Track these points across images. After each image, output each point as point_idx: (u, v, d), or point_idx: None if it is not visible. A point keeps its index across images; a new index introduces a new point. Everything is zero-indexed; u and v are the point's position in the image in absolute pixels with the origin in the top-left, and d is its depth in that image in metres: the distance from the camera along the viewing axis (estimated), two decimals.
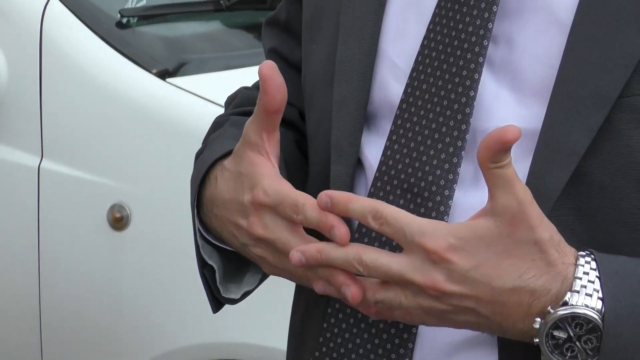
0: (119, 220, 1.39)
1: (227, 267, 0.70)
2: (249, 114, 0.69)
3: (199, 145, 0.76)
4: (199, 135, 0.83)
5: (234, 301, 0.72)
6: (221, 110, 0.86)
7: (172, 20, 1.66)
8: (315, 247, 0.54)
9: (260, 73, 0.59)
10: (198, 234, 0.67)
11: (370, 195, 0.65)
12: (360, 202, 0.55)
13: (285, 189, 0.59)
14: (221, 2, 1.68)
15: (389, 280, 0.53)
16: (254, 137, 0.60)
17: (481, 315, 0.53)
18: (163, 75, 1.44)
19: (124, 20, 1.53)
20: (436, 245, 0.51)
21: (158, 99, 1.43)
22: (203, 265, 0.66)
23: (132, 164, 1.43)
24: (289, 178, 0.64)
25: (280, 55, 0.79)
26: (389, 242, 0.57)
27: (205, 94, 1.42)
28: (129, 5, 1.56)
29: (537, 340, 0.52)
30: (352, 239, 0.56)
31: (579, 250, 0.53)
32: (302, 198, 0.58)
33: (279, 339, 0.82)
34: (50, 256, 1.53)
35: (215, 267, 0.67)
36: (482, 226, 0.51)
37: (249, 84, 0.84)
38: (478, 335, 0.58)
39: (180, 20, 1.68)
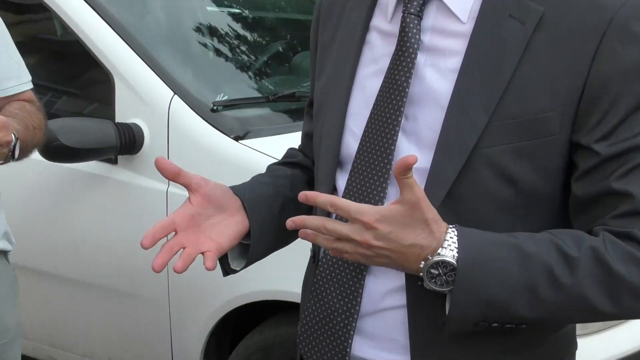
0: None
1: (233, 252, 1.05)
2: (288, 164, 1.20)
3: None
4: (255, 171, 1.40)
5: (235, 271, 1.08)
6: (270, 159, 1.42)
7: (242, 107, 2.22)
8: (301, 219, 0.86)
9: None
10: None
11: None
12: (322, 197, 0.86)
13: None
14: (270, 97, 2.31)
15: (341, 238, 0.84)
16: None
17: (392, 259, 0.83)
18: (237, 138, 2.01)
19: (215, 107, 2.10)
20: (368, 218, 0.81)
21: (234, 151, 1.99)
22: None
23: (226, 180, 1.95)
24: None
25: (309, 135, 1.19)
26: (343, 220, 0.86)
27: (261, 149, 1.97)
28: (218, 99, 2.15)
29: (422, 274, 0.83)
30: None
31: (450, 224, 0.85)
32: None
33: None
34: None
35: (228, 253, 1.04)
36: (395, 209, 0.82)
37: (291, 145, 1.29)
38: (396, 285, 0.91)
39: (246, 107, 2.25)
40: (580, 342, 1.08)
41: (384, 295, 0.92)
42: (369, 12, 1.03)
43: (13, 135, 1.40)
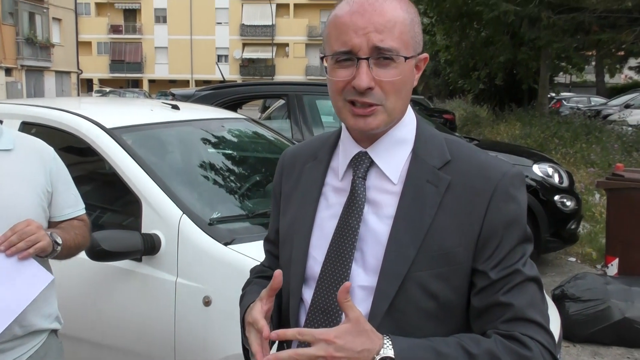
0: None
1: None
2: (264, 277, 1.33)
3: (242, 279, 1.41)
4: (238, 267, 2.01)
5: None
6: (252, 262, 1.63)
7: (230, 222, 2.58)
8: (274, 356, 0.99)
9: (274, 275, 1.08)
10: (242, 336, 1.18)
11: (308, 315, 1.14)
12: (290, 332, 1.00)
13: (258, 317, 1.09)
14: (250, 214, 2.72)
15: (310, 359, 0.96)
16: (260, 303, 1.11)
17: None
18: (226, 244, 2.35)
19: (211, 222, 2.47)
20: (328, 336, 0.97)
21: (224, 253, 2.32)
22: (244, 346, 1.22)
23: (218, 273, 2.27)
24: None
25: (272, 253, 1.37)
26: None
27: (244, 252, 2.29)
28: (213, 216, 2.52)
29: None
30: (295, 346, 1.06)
31: (388, 332, 1.01)
32: (262, 324, 1.06)
33: None
34: (184, 326, 2.29)
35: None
36: (345, 327, 0.98)
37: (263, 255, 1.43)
38: None
39: (233, 221, 2.61)
40: None
41: None
42: (324, 173, 1.22)
43: (54, 238, 1.68)
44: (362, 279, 1.11)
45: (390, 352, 0.98)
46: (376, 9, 1.07)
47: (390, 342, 1.00)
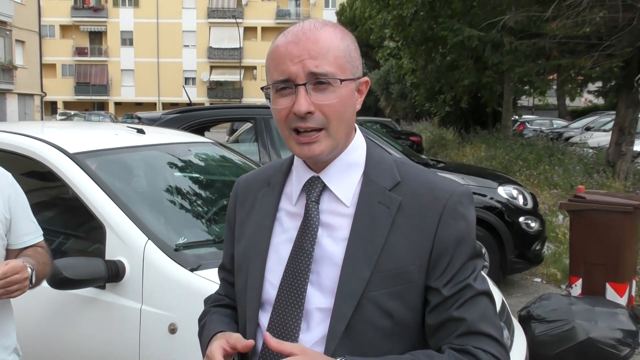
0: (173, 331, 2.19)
1: None
2: (221, 306, 1.33)
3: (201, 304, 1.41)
4: (204, 293, 1.99)
5: None
6: (211, 289, 1.50)
7: (196, 247, 2.54)
8: None
9: (247, 345, 1.12)
10: None
11: (265, 340, 1.10)
12: (286, 346, 1.04)
13: (215, 351, 1.13)
14: (216, 239, 2.64)
15: None
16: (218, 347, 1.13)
17: None
18: (192, 270, 2.32)
19: (177, 247, 2.43)
20: (293, 350, 1.03)
21: (190, 279, 2.29)
22: None
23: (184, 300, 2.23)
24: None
25: (227, 281, 1.37)
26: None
27: (209, 278, 2.22)
28: (179, 242, 2.48)
29: None
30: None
31: (342, 355, 1.05)
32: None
33: None
34: (148, 354, 2.22)
35: None
36: (301, 349, 1.03)
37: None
38: None
39: (199, 247, 2.56)
40: None
41: None
42: (278, 198, 1.25)
43: (30, 269, 1.68)
44: (319, 300, 1.13)
45: None
46: (310, 37, 1.11)
47: None
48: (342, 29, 1.17)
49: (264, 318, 1.18)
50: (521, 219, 6.03)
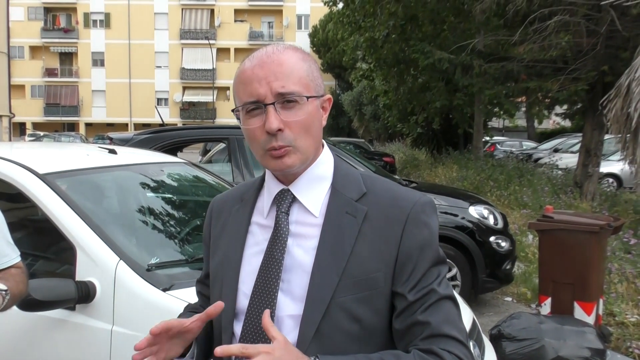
0: None
1: None
2: (192, 310, 1.40)
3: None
4: (177, 312, 2.00)
5: None
6: (186, 303, 1.63)
7: (169, 267, 2.53)
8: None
9: (216, 304, 1.13)
10: None
11: (242, 342, 1.19)
12: (234, 348, 1.04)
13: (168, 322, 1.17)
14: (189, 259, 2.64)
15: None
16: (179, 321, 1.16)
17: None
18: (165, 290, 2.30)
19: (149, 268, 2.41)
20: (267, 349, 1.03)
21: (163, 299, 2.27)
22: None
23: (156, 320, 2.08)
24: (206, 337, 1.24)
25: (203, 294, 1.43)
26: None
27: (182, 298, 2.21)
28: (152, 262, 2.47)
29: None
30: None
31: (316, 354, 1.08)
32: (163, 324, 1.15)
33: None
34: None
35: None
36: (277, 345, 1.04)
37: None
38: None
39: (172, 267, 2.55)
40: None
41: None
42: (250, 213, 1.30)
43: (4, 291, 1.64)
44: (290, 308, 1.18)
45: None
46: (274, 60, 1.19)
47: (317, 359, 1.08)
48: (302, 51, 1.24)
49: (238, 327, 1.22)
50: (492, 238, 6.11)
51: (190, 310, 1.45)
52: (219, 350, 1.05)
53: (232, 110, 1.26)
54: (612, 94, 8.40)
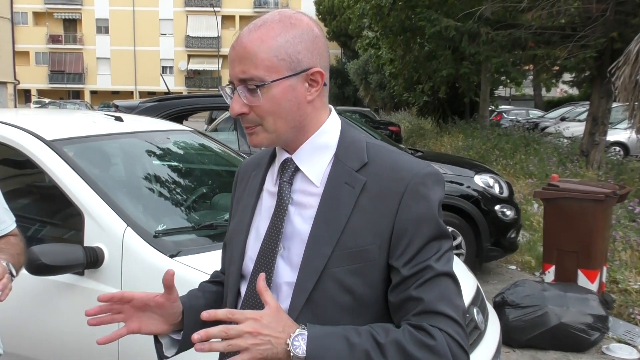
0: None
1: (166, 343, 1.30)
2: (212, 282, 1.44)
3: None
4: (184, 280, 1.95)
5: (167, 357, 1.31)
6: (198, 274, 1.86)
7: (176, 234, 2.55)
8: (205, 331, 1.03)
9: (166, 272, 1.20)
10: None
11: (241, 308, 1.23)
12: (220, 312, 1.05)
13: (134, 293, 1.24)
14: (196, 226, 2.65)
15: (239, 334, 1.02)
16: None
17: (272, 344, 1.03)
18: (172, 256, 2.32)
19: (156, 234, 2.44)
20: (256, 315, 1.05)
21: (170, 265, 2.20)
22: (156, 341, 1.31)
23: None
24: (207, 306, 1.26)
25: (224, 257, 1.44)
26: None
27: (189, 264, 2.25)
28: (159, 228, 2.50)
29: (288, 342, 1.05)
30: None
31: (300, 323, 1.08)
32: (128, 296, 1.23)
33: None
34: (128, 340, 2.06)
35: (163, 343, 1.30)
36: (268, 310, 1.06)
37: (211, 259, 1.65)
38: None
39: (179, 233, 2.57)
40: None
41: None
42: (263, 179, 1.32)
43: (5, 264, 1.65)
44: (288, 275, 1.19)
45: (305, 332, 1.06)
46: (241, 41, 1.16)
47: (304, 326, 1.08)
48: (283, 24, 1.17)
49: (244, 288, 1.26)
50: (497, 207, 6.12)
51: (209, 279, 1.49)
52: (205, 314, 1.06)
53: None
54: (620, 61, 8.31)
